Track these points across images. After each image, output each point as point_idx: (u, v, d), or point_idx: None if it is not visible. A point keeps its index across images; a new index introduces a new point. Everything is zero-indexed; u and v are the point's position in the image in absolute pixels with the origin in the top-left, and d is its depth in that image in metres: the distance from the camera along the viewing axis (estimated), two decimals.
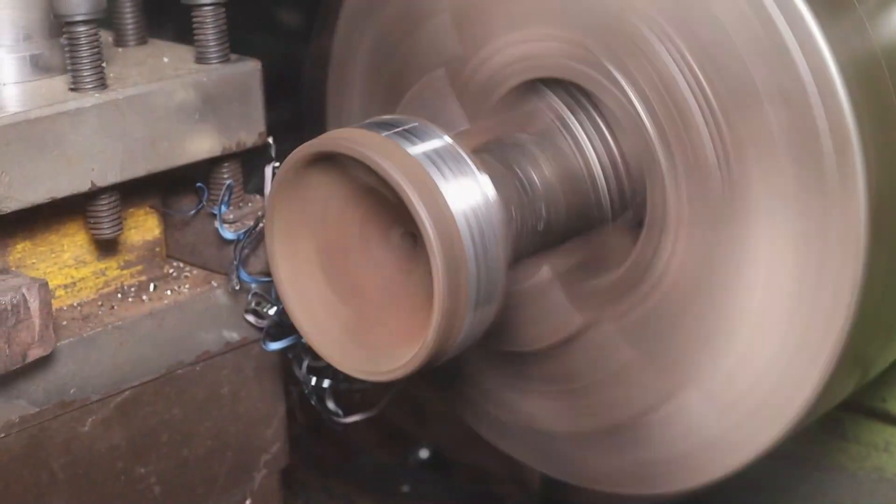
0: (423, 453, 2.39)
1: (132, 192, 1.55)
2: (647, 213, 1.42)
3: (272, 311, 1.58)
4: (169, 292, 1.57)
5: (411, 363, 1.32)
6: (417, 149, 1.32)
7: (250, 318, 1.59)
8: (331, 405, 1.64)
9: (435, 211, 1.28)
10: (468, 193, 1.31)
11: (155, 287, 1.59)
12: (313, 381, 1.64)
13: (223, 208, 1.57)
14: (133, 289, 1.58)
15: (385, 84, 1.64)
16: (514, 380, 1.60)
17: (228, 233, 1.56)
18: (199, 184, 1.58)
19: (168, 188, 1.62)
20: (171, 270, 1.63)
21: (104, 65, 1.48)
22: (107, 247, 1.56)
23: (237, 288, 1.56)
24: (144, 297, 1.56)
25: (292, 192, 1.37)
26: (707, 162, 1.36)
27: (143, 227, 1.59)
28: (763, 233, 1.34)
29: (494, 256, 1.32)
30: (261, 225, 1.56)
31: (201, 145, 1.54)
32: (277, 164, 1.58)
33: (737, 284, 1.37)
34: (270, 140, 1.60)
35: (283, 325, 1.58)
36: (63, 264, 1.53)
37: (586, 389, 1.52)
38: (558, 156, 1.46)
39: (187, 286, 1.59)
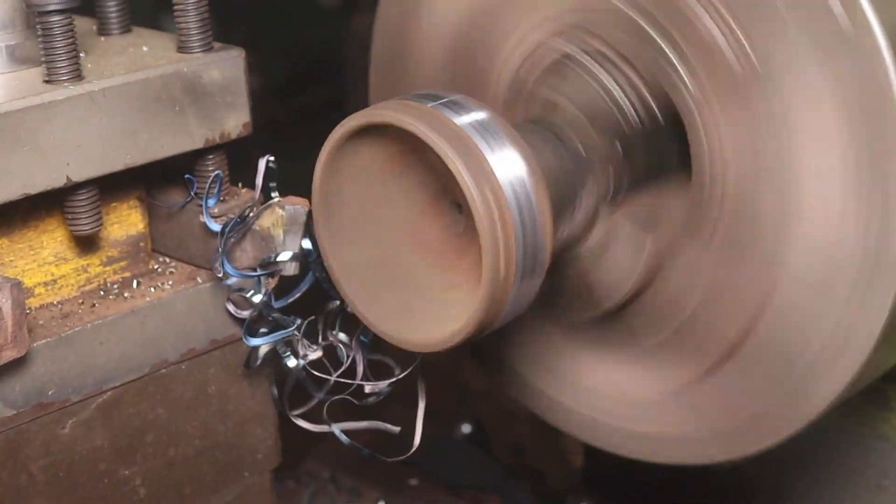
0: (466, 428, 2.38)
1: (114, 185, 1.50)
2: (686, 125, 1.42)
3: (256, 299, 1.52)
4: (153, 289, 1.52)
5: (460, 333, 1.34)
6: (463, 119, 1.33)
7: (230, 307, 1.54)
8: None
9: (482, 180, 1.29)
10: (514, 164, 1.33)
11: (138, 283, 1.54)
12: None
13: (210, 201, 1.52)
14: (116, 286, 1.53)
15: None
16: (600, 352, 1.59)
17: (215, 225, 1.51)
18: (187, 175, 1.53)
19: (153, 181, 1.57)
20: (155, 266, 1.57)
21: (80, 55, 1.43)
22: (88, 243, 1.52)
23: (220, 276, 1.51)
24: (127, 294, 1.51)
25: (338, 166, 1.37)
26: (717, 45, 1.37)
27: (127, 222, 1.55)
28: (799, 101, 1.33)
29: (540, 224, 1.34)
30: (248, 216, 1.51)
31: (183, 137, 1.49)
32: (272, 157, 1.53)
33: (791, 164, 1.35)
34: None
35: (265, 321, 1.53)
36: (43, 261, 1.49)
37: (683, 328, 1.49)
38: (592, 108, 1.48)
39: (171, 282, 1.54)
